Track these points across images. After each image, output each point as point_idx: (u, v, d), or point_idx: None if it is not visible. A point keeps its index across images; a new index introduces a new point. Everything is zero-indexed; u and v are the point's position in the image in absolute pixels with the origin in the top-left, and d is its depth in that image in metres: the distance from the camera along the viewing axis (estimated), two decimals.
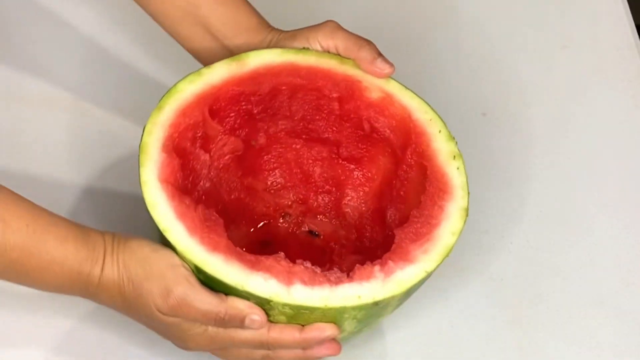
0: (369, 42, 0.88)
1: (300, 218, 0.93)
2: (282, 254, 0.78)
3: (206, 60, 0.92)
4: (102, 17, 1.12)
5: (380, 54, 0.87)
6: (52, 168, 0.99)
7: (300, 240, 0.92)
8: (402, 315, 0.85)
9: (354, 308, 0.77)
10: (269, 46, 0.89)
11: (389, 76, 0.87)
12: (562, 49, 1.14)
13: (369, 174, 0.92)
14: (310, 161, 0.93)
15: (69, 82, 1.06)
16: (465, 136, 1.05)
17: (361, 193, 0.92)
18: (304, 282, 0.77)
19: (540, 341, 0.91)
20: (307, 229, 0.93)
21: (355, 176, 0.92)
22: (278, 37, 0.90)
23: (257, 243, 0.91)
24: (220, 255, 0.77)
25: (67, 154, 1.01)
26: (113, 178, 0.99)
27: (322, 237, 0.93)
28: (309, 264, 0.78)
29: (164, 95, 0.84)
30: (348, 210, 0.93)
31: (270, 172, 0.93)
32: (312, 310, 0.77)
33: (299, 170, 0.93)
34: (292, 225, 0.93)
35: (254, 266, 0.77)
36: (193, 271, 0.78)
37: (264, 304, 0.77)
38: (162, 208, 0.79)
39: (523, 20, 1.17)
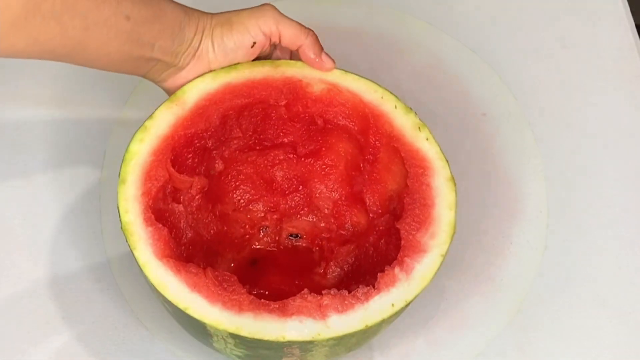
0: (311, 30, 0.86)
1: (278, 226, 0.92)
2: (306, 290, 0.77)
3: (147, 68, 0.84)
4: None
5: (322, 47, 0.87)
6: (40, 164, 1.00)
7: (286, 248, 0.92)
8: (401, 316, 0.85)
9: (390, 316, 0.77)
10: (203, 36, 0.84)
11: (330, 71, 0.86)
12: (562, 49, 1.14)
13: (331, 162, 0.91)
14: (269, 167, 0.92)
15: (54, 80, 1.06)
16: (465, 136, 1.05)
17: (328, 182, 0.92)
18: (338, 311, 0.76)
19: (540, 341, 0.91)
20: (288, 233, 0.93)
21: (317, 168, 0.92)
22: (212, 26, 0.84)
23: (246, 264, 0.90)
24: (248, 314, 0.76)
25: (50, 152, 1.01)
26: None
27: (304, 236, 0.92)
28: (335, 291, 0.77)
29: (121, 165, 0.80)
30: (320, 202, 0.92)
31: (234, 191, 0.92)
32: (353, 334, 0.76)
33: (261, 180, 0.92)
34: (273, 235, 0.92)
35: (284, 312, 0.76)
36: (226, 338, 0.77)
37: (307, 344, 0.76)
38: (173, 287, 0.76)
39: (523, 20, 1.17)
